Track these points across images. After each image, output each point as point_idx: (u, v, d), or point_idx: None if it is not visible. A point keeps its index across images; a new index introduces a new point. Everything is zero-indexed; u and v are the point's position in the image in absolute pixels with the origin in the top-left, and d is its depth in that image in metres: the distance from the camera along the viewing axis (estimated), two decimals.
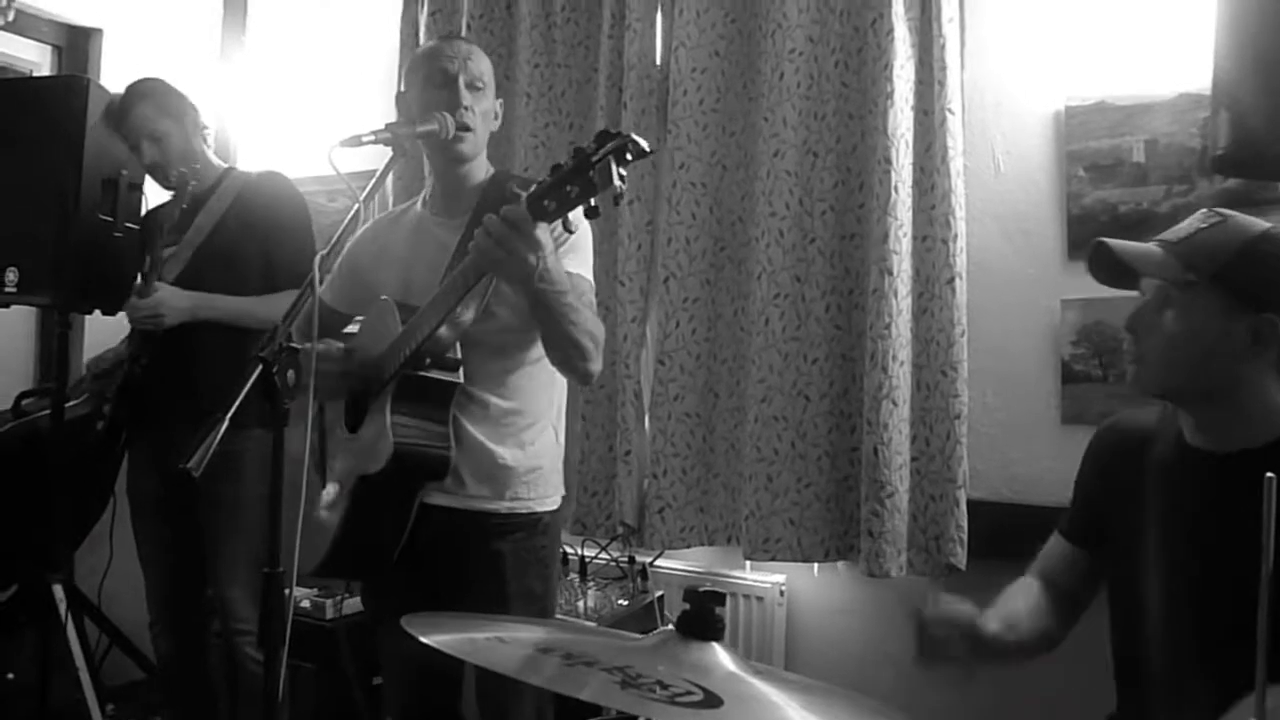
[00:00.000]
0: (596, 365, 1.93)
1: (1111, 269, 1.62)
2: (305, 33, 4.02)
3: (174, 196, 2.79)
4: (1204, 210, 1.59)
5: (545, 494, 2.06)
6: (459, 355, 1.92)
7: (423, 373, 1.89)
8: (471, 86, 2.00)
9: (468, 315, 1.89)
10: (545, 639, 1.15)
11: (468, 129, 1.98)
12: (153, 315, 2.65)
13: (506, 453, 2.00)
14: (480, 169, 2.10)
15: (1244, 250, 1.50)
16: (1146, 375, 1.60)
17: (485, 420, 1.99)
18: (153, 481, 2.80)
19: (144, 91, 2.81)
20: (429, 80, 2.02)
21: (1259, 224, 1.54)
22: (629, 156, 1.49)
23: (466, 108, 1.98)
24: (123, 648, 3.14)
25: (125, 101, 2.81)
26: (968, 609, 1.62)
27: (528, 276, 1.71)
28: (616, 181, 1.48)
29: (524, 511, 2.02)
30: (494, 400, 1.99)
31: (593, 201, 1.52)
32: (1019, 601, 1.73)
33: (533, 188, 1.60)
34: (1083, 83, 2.57)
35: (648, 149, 1.51)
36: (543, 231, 1.66)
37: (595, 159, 1.49)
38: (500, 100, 2.15)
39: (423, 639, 1.10)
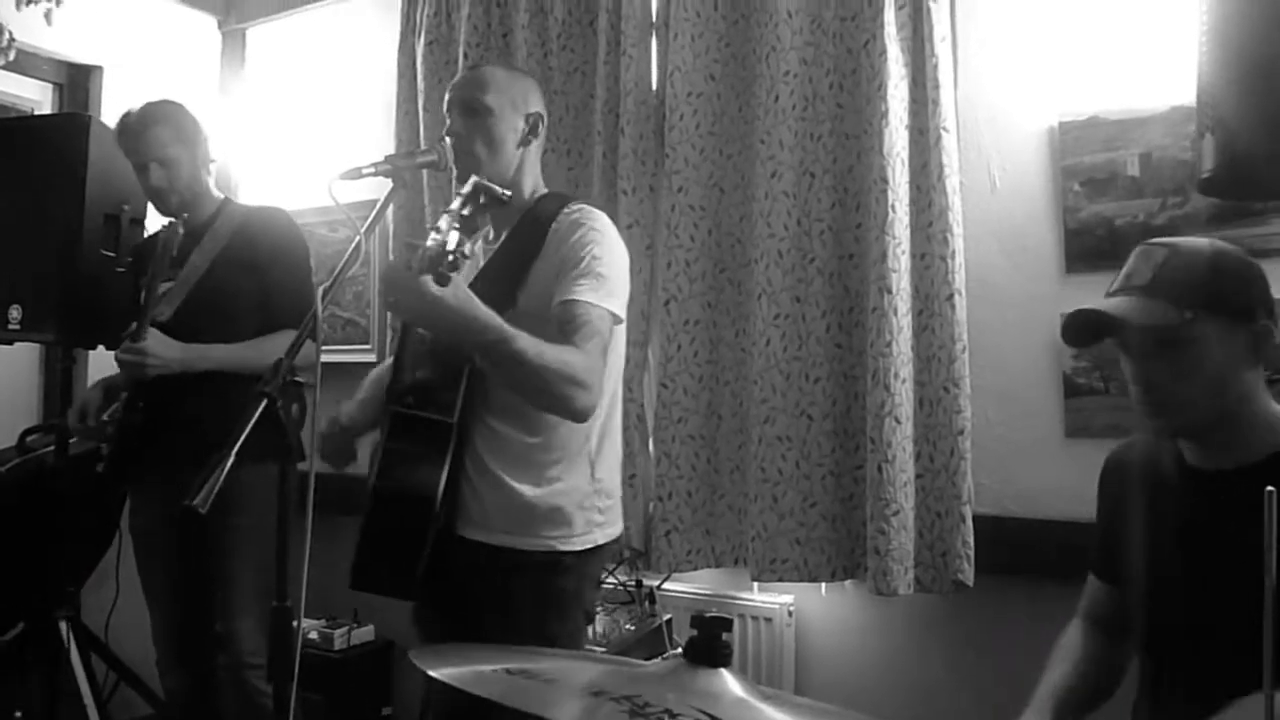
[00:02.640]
0: (582, 403, 1.82)
1: (1091, 330, 1.61)
2: (303, 66, 4.05)
3: (169, 224, 2.75)
4: (1142, 247, 1.60)
5: (570, 534, 1.97)
6: (459, 395, 1.90)
7: (410, 411, 1.89)
8: (466, 109, 2.01)
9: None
10: (556, 669, 1.15)
11: (462, 151, 1.99)
12: (139, 363, 2.61)
13: (526, 489, 1.95)
14: (523, 190, 2.08)
15: (1214, 270, 1.53)
16: (1173, 420, 1.59)
17: (506, 455, 1.96)
18: (157, 519, 2.79)
19: (164, 114, 2.79)
20: (445, 111, 2.07)
21: (1201, 242, 1.58)
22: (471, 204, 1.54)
23: (459, 133, 1.99)
24: (130, 684, 3.13)
25: (142, 119, 2.77)
26: None
27: (425, 322, 1.75)
28: (442, 227, 1.49)
29: (543, 550, 1.95)
30: (515, 434, 1.96)
31: (449, 258, 1.50)
32: (1069, 658, 1.75)
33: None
34: (1075, 98, 2.59)
35: (505, 198, 1.57)
36: (427, 284, 1.57)
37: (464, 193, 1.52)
38: (540, 112, 2.11)
39: (431, 673, 1.10)
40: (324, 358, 1.74)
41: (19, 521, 3.12)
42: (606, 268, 1.94)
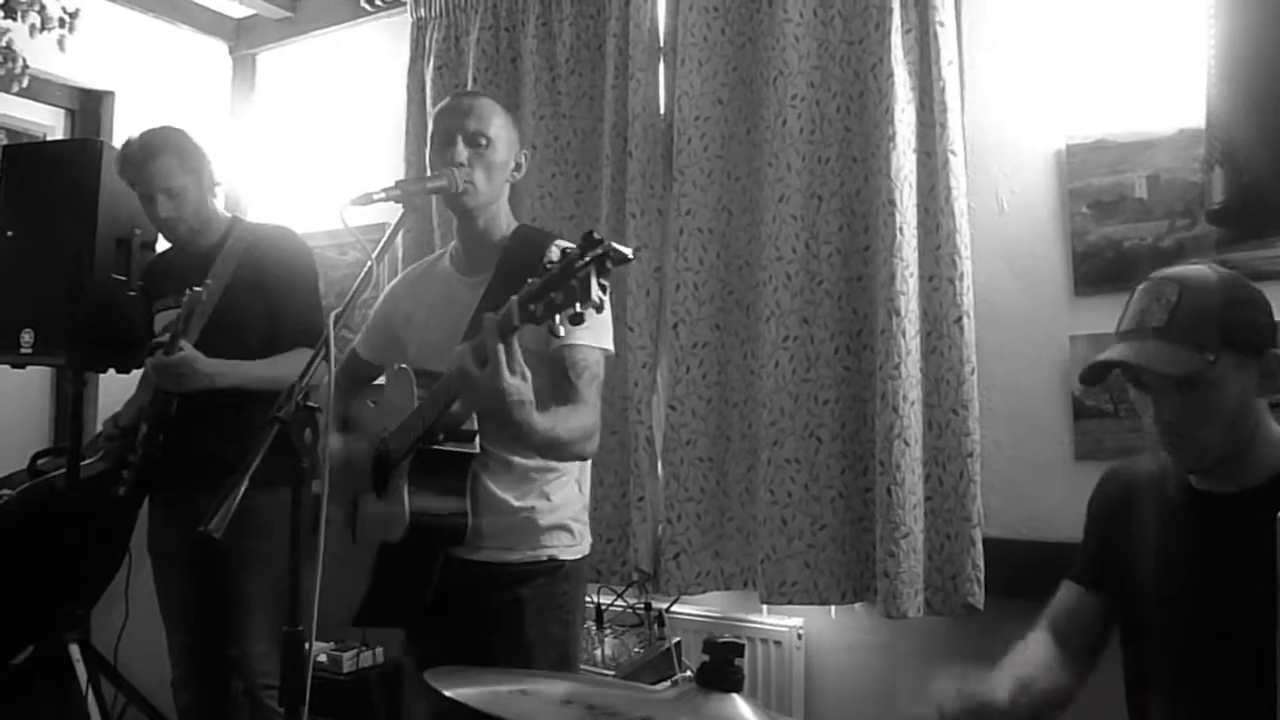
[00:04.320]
0: (590, 451, 1.99)
1: (1101, 375, 1.62)
2: (313, 90, 4.08)
3: (194, 291, 2.71)
4: (1149, 284, 1.59)
5: (568, 543, 2.08)
6: (475, 426, 1.94)
7: (438, 447, 1.92)
8: (472, 142, 2.03)
9: None
10: (569, 692, 1.15)
11: (462, 180, 2.01)
12: (177, 375, 2.64)
13: (529, 505, 2.03)
14: (500, 223, 2.13)
15: (1227, 306, 1.53)
16: (1193, 458, 1.60)
17: (507, 477, 2.02)
18: (176, 539, 2.81)
19: (167, 143, 2.77)
20: (434, 139, 2.09)
21: (1207, 274, 1.56)
22: (609, 265, 1.51)
23: (461, 164, 2.01)
24: (140, 706, 3.13)
25: (145, 150, 2.76)
26: (979, 689, 1.60)
27: (499, 407, 1.72)
28: (596, 295, 1.49)
29: (544, 559, 2.04)
30: (515, 459, 2.02)
31: (577, 308, 1.51)
32: (1031, 660, 1.73)
33: (524, 289, 1.60)
34: (1082, 121, 2.60)
35: (629, 255, 1.53)
36: (521, 384, 1.67)
37: (578, 267, 1.50)
38: (526, 152, 2.18)
39: (446, 693, 1.11)
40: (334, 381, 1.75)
41: (30, 544, 3.12)
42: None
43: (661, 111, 3.07)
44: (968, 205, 2.67)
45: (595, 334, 1.98)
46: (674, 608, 2.97)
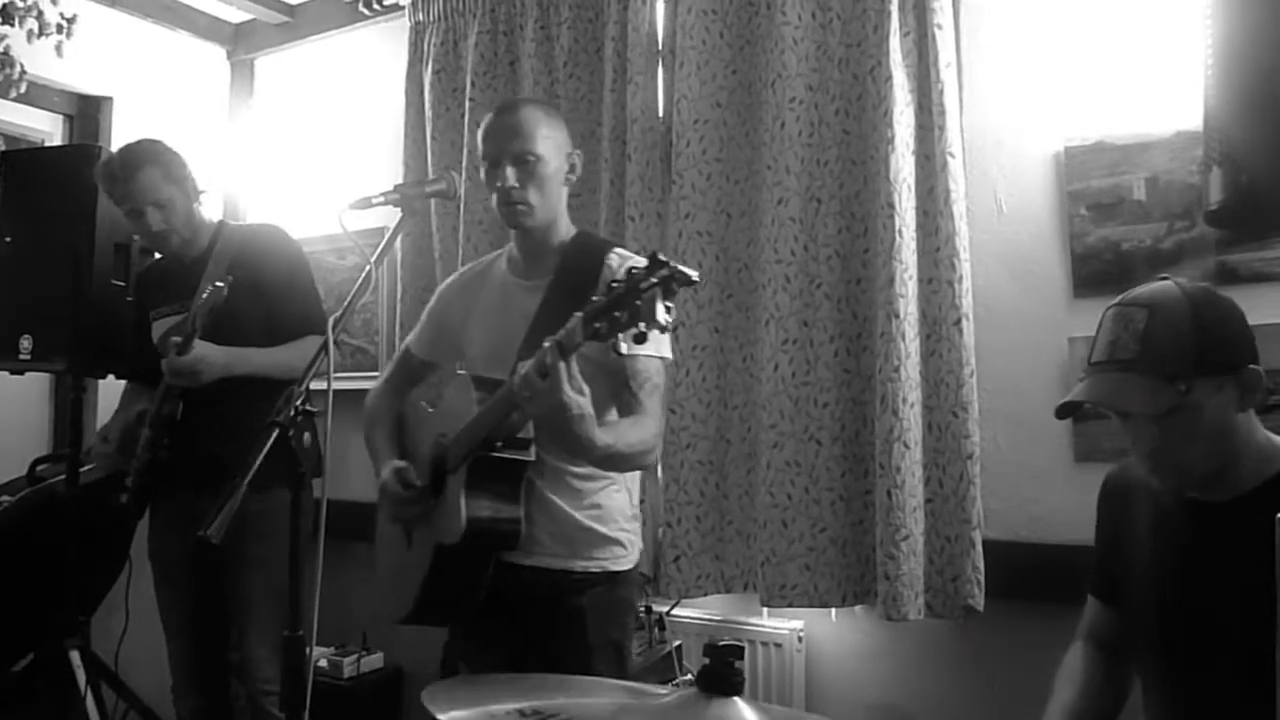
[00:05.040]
0: (651, 462, 2.03)
1: (1075, 410, 1.64)
2: (311, 95, 4.08)
3: (216, 286, 2.69)
4: (1115, 310, 1.60)
5: (620, 554, 2.10)
6: (531, 434, 1.96)
7: (494, 454, 1.94)
8: (519, 162, 2.02)
9: None
10: (570, 703, 1.15)
11: (516, 203, 2.02)
12: (192, 372, 2.65)
13: (583, 516, 2.05)
14: (559, 230, 2.12)
15: (1198, 328, 1.52)
16: (1180, 480, 1.61)
17: (560, 484, 2.04)
18: (177, 545, 2.81)
19: (148, 156, 2.77)
20: (484, 159, 2.09)
21: (1174, 293, 1.56)
22: (675, 287, 1.51)
23: (514, 186, 2.02)
24: (140, 712, 3.12)
25: (128, 166, 2.74)
26: None
27: (558, 421, 1.71)
28: (661, 317, 1.49)
29: (598, 570, 2.07)
30: (568, 467, 2.04)
31: (641, 328, 1.52)
32: (1074, 689, 1.74)
33: (588, 306, 1.60)
34: (1080, 123, 2.60)
35: (695, 278, 1.52)
36: (580, 399, 1.67)
37: (643, 288, 1.50)
38: (577, 151, 2.16)
39: (439, 717, 1.10)
40: (333, 385, 1.75)
41: (29, 551, 3.12)
42: None
43: (660, 115, 3.07)
44: (966, 207, 2.67)
45: (655, 344, 1.97)
46: (674, 611, 2.96)
